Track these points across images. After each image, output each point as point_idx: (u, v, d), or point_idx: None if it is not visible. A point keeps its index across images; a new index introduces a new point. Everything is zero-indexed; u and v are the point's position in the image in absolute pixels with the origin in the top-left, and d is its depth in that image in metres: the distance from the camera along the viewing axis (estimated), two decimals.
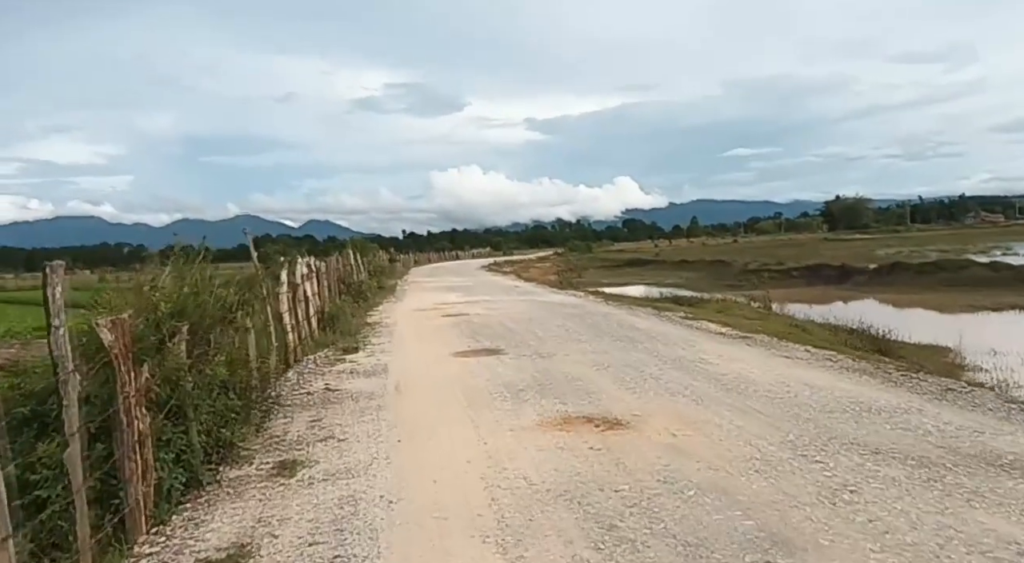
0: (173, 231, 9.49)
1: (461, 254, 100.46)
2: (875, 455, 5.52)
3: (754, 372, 9.26)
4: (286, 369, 11.18)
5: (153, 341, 6.05)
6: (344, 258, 27.05)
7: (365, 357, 12.25)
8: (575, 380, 9.09)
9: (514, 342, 12.87)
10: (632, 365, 10.00)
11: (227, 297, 7.26)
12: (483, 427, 7.05)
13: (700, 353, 10.95)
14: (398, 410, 8.10)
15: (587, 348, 11.82)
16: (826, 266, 40.79)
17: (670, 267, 57.67)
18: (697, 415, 7.04)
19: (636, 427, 6.69)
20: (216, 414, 6.74)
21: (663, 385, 8.56)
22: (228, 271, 10.84)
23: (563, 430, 6.74)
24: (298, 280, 14.36)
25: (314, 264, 17.45)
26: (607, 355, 10.98)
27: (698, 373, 9.28)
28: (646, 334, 13.39)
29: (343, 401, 8.73)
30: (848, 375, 9.11)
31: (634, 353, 11.12)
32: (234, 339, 7.76)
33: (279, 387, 9.65)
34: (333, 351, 13.05)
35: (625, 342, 12.38)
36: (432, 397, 8.69)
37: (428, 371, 10.54)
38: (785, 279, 39.62)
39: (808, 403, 7.39)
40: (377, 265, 38.71)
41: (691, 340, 12.49)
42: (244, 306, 7.82)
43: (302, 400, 8.92)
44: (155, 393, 5.72)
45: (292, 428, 7.56)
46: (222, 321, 7.17)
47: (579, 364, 10.28)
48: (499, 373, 9.91)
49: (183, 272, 6.92)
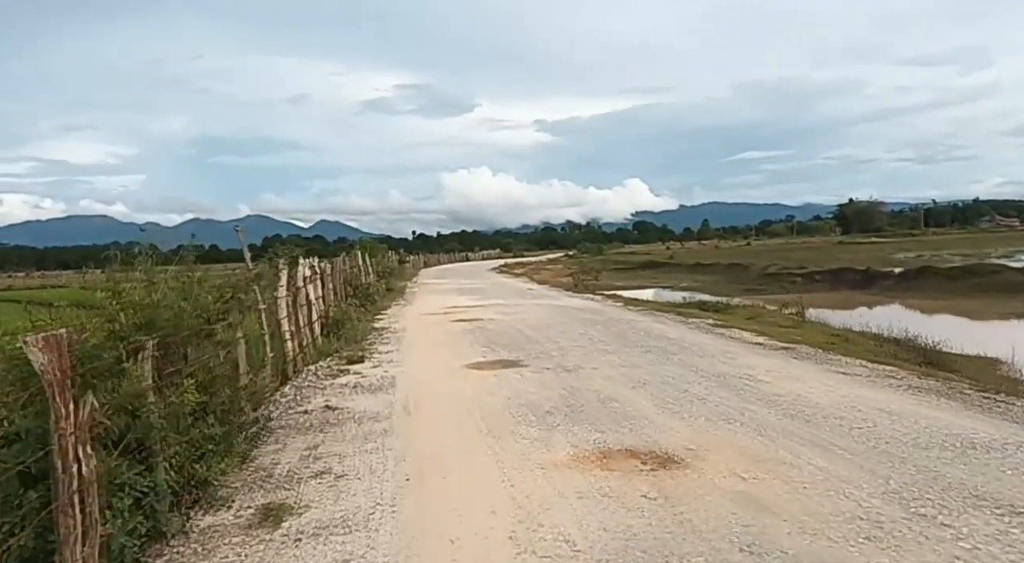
0: (191, 232, 8.44)
1: (471, 255, 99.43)
2: (1017, 516, 4.34)
3: (813, 392, 8.09)
4: (283, 383, 10.08)
5: (108, 361, 4.95)
6: (351, 259, 25.99)
7: (371, 368, 11.14)
8: (609, 401, 7.95)
9: (534, 352, 11.73)
10: (671, 382, 8.84)
11: (208, 304, 6.16)
12: (507, 462, 5.91)
13: (744, 368, 9.78)
14: (407, 436, 6.97)
15: (616, 361, 10.66)
16: (849, 270, 39.46)
17: (685, 270, 56.37)
18: (764, 451, 5.88)
19: (693, 466, 5.54)
20: (190, 445, 5.64)
21: (713, 408, 7.40)
22: (238, 273, 9.79)
23: (605, 468, 5.59)
24: (299, 283, 13.27)
25: (318, 265, 16.37)
26: (640, 370, 9.83)
27: (749, 393, 8.12)
28: (678, 344, 12.23)
29: (344, 423, 7.61)
30: (922, 397, 7.93)
31: (670, 367, 9.96)
32: (217, 353, 6.66)
33: (272, 406, 8.55)
34: (336, 361, 11.95)
35: (657, 354, 11.22)
36: (445, 420, 7.57)
37: (440, 386, 9.41)
38: (807, 283, 38.27)
39: (894, 436, 6.21)
40: (386, 267, 37.64)
41: (729, 352, 11.32)
42: (227, 315, 6.70)
43: (298, 422, 7.80)
44: (105, 427, 4.62)
45: (283, 458, 6.44)
46: (199, 333, 6.07)
47: (610, 380, 9.13)
48: (520, 390, 8.77)
49: (153, 275, 5.82)
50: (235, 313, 7.07)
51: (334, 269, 19.55)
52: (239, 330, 8.01)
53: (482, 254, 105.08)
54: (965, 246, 63.65)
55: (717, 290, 37.69)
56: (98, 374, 4.87)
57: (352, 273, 24.37)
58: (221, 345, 6.60)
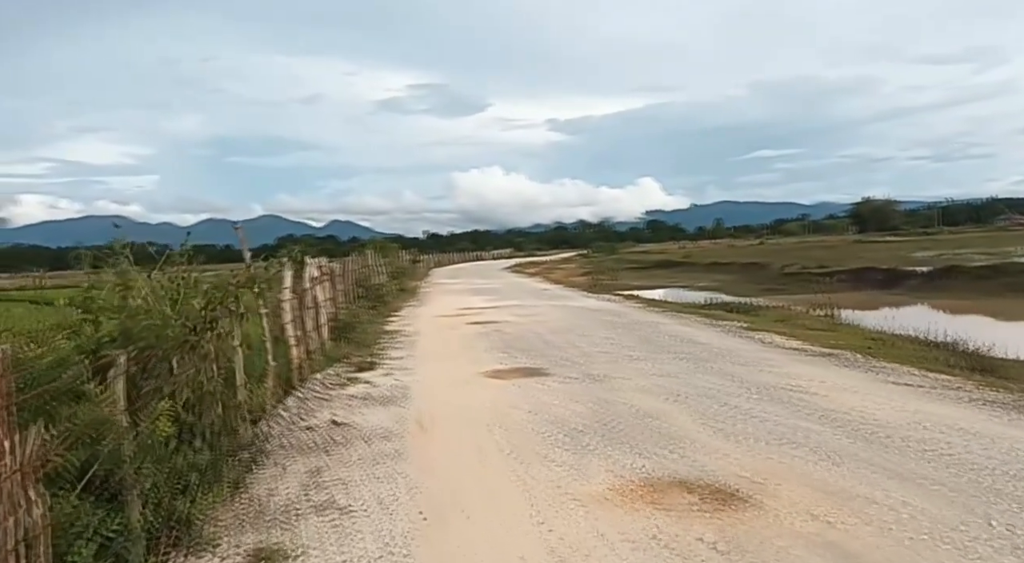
0: (205, 232, 7.70)
1: (483, 255, 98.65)
2: None
3: (873, 407, 7.24)
4: (286, 393, 9.31)
5: (68, 381, 4.19)
6: (362, 259, 25.27)
7: (382, 376, 10.36)
8: (647, 417, 7.12)
9: (556, 359, 10.91)
10: (712, 395, 8.01)
11: (194, 311, 5.38)
12: (538, 494, 5.11)
13: (789, 377, 8.94)
14: (421, 459, 6.18)
15: (647, 369, 9.83)
16: (873, 269, 38.39)
17: (701, 269, 55.33)
18: (839, 483, 5.04)
19: (760, 504, 4.71)
20: (172, 475, 4.87)
21: (767, 427, 6.56)
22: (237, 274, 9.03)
23: (654, 505, 4.78)
24: (306, 284, 12.52)
25: (327, 266, 15.62)
26: (675, 379, 9.00)
27: (803, 408, 7.28)
28: (710, 350, 11.39)
29: (352, 443, 6.82)
30: (991, 411, 7.08)
31: (707, 377, 9.12)
32: (206, 366, 5.88)
33: (274, 421, 7.78)
34: (345, 368, 11.17)
35: (690, 361, 10.38)
36: (464, 439, 6.77)
37: (457, 398, 8.62)
38: (829, 283, 37.17)
39: (979, 462, 5.37)
40: (398, 267, 36.92)
41: (768, 359, 10.46)
42: (217, 323, 5.91)
43: (300, 440, 7.02)
44: (58, 463, 3.85)
45: (281, 486, 5.66)
46: (184, 344, 5.29)
47: (644, 392, 8.30)
48: (545, 404, 7.97)
49: (128, 278, 5.05)
50: (228, 320, 6.29)
51: (344, 269, 18.83)
52: (235, 338, 7.26)
53: (494, 253, 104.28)
54: (984, 245, 62.23)
55: (736, 290, 36.71)
56: (56, 397, 4.11)
57: (363, 273, 23.65)
58: (210, 357, 5.82)
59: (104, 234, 10.43)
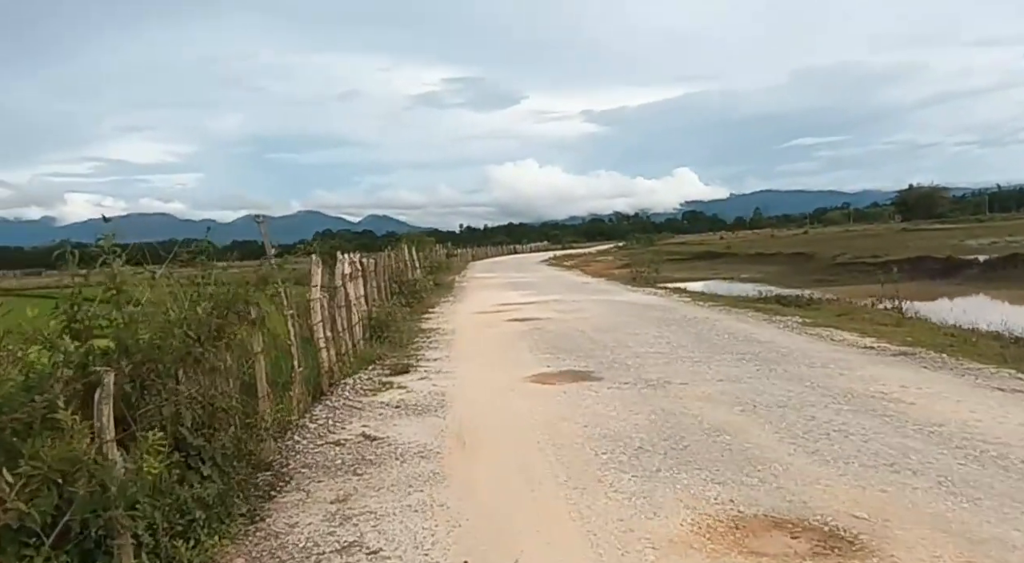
0: (246, 228, 7.05)
1: (519, 248, 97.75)
2: None
3: (983, 420, 6.26)
4: (316, 400, 8.61)
5: (38, 408, 3.46)
6: (397, 254, 24.61)
7: (418, 380, 9.60)
8: (718, 432, 6.23)
9: (606, 361, 10.05)
10: (789, 404, 7.08)
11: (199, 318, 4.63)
12: (602, 535, 4.26)
13: (871, 382, 7.97)
14: (462, 485, 5.38)
15: (707, 372, 8.92)
16: (929, 258, 36.71)
17: (744, 260, 53.84)
18: (972, 523, 4.11)
19: (879, 553, 3.80)
20: (173, 511, 4.14)
21: (865, 446, 5.63)
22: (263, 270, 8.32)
23: (749, 554, 3.90)
24: (338, 281, 11.82)
25: (360, 261, 14.93)
26: (742, 385, 8.08)
27: (898, 421, 6.32)
28: (774, 349, 10.42)
29: (384, 462, 6.05)
30: None
31: (778, 382, 8.19)
32: (218, 381, 5.15)
33: (300, 433, 7.05)
34: (379, 371, 10.45)
35: (754, 362, 9.44)
36: (510, 459, 5.95)
37: (499, 407, 7.82)
38: (882, 273, 35.61)
39: None
40: (434, 261, 36.28)
41: (841, 360, 9.47)
42: (225, 332, 5.15)
43: (327, 458, 6.27)
44: (19, 512, 3.13)
45: (303, 518, 4.90)
46: (186, 358, 4.55)
47: (710, 401, 7.40)
48: (599, 414, 7.12)
49: (117, 282, 4.31)
50: (242, 326, 5.54)
51: (378, 265, 18.14)
52: (257, 344, 6.54)
53: (530, 246, 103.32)
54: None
55: (783, 281, 35.38)
56: (19, 431, 3.39)
57: (398, 268, 22.98)
58: (220, 370, 5.08)
59: (149, 231, 9.98)
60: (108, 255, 4.22)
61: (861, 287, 29.75)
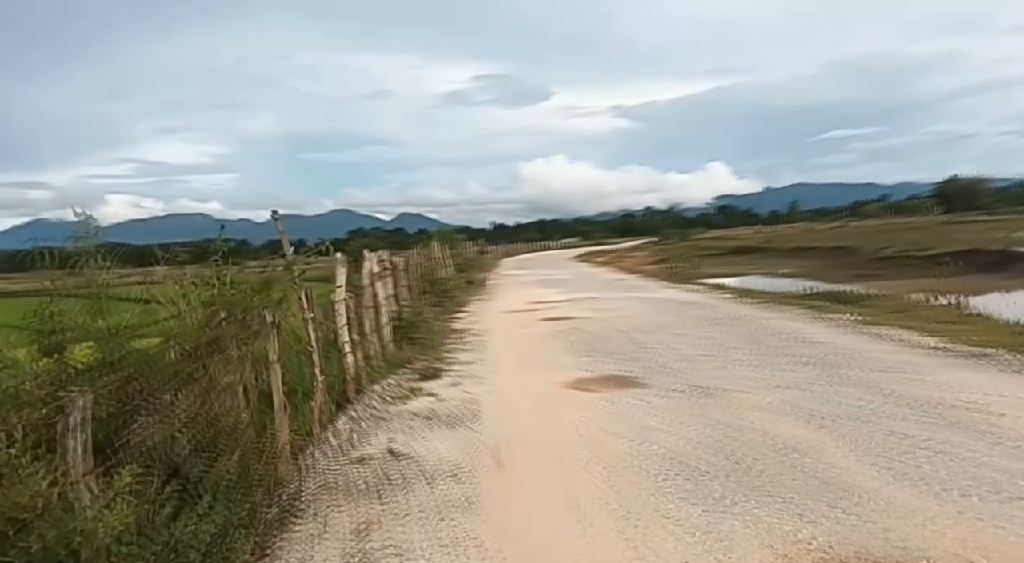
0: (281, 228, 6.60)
1: (550, 244, 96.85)
2: None
3: None
4: (340, 408, 8.04)
5: None
6: (427, 252, 24.07)
7: (448, 387, 8.98)
8: (789, 451, 5.50)
9: (651, 365, 9.32)
10: (865, 417, 6.31)
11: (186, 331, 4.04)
12: None
13: (951, 390, 7.16)
14: (500, 517, 4.71)
15: (766, 378, 8.16)
16: (979, 251, 35.19)
17: (783, 255, 52.37)
18: None
19: None
20: (165, 554, 3.55)
21: (958, 469, 4.86)
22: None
23: None
24: (365, 281, 11.26)
25: (389, 260, 14.37)
26: (807, 393, 7.32)
27: (993, 438, 5.53)
28: (834, 351, 9.60)
29: (411, 484, 5.42)
30: None
31: (847, 389, 7.41)
32: (218, 398, 4.55)
33: (320, 448, 6.46)
34: (408, 375, 9.85)
35: (815, 367, 8.65)
36: (553, 483, 5.28)
37: (538, 418, 7.16)
38: (929, 267, 34.18)
39: None
40: (465, 258, 35.72)
41: (910, 363, 8.64)
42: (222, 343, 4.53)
43: (348, 478, 5.66)
44: None
45: (318, 555, 4.29)
46: (174, 378, 3.95)
47: (774, 413, 6.66)
48: (650, 428, 6.42)
49: (98, 285, 3.72)
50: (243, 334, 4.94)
51: (407, 263, 17.58)
52: (272, 352, 5.95)
53: (561, 242, 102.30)
54: None
55: (826, 276, 34.12)
56: None
57: (428, 267, 22.43)
58: (219, 388, 4.48)
59: (186, 231, 9.61)
60: (85, 257, 3.62)
61: (908, 281, 28.56)
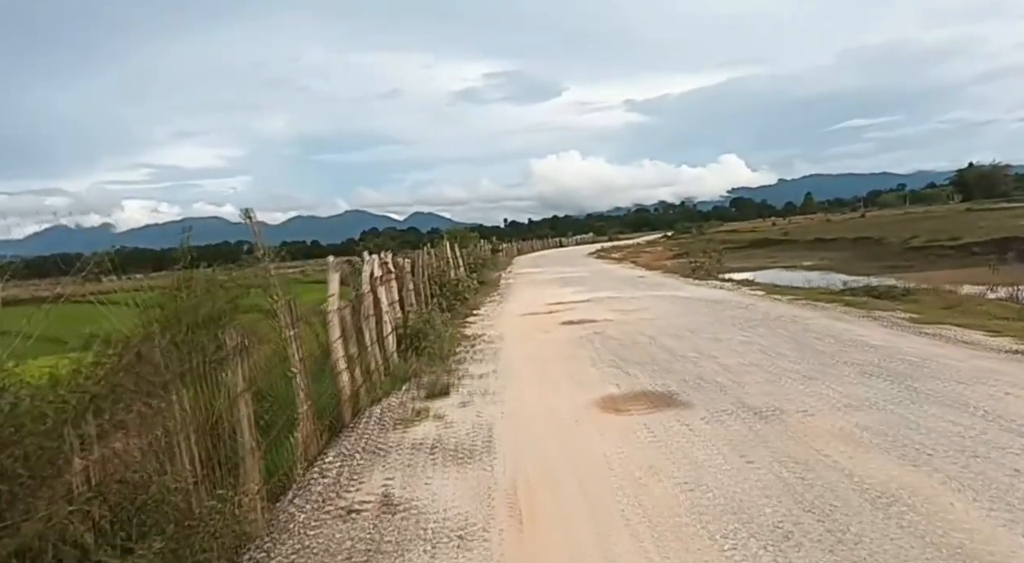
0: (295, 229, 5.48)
1: (564, 241, 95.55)
2: None
3: None
4: (333, 437, 6.91)
5: None
6: (438, 251, 22.89)
7: (458, 407, 7.82)
8: (888, 502, 4.29)
9: (689, 378, 8.12)
10: (974, 450, 5.07)
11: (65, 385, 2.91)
12: None
13: None
14: None
15: (828, 393, 6.94)
16: (1015, 240, 33.73)
17: (804, 247, 51.02)
18: None
19: None
20: None
21: None
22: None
23: None
24: (365, 287, 10.09)
25: (393, 261, 13.22)
26: (885, 414, 6.09)
27: None
28: (897, 357, 8.38)
29: (407, 551, 4.26)
30: None
31: (932, 409, 6.18)
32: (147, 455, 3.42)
33: (301, 495, 5.32)
34: (412, 393, 8.70)
35: (882, 377, 7.43)
36: (587, 549, 4.10)
37: (563, 451, 5.97)
38: (962, 257, 32.87)
39: None
40: (478, 257, 34.51)
41: (993, 372, 7.41)
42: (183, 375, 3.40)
43: (330, 541, 4.50)
44: None
45: None
46: (40, 457, 2.81)
47: (852, 442, 5.44)
48: (701, 465, 5.22)
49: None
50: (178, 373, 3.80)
51: (415, 265, 16.42)
52: (240, 378, 4.83)
53: (575, 239, 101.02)
54: None
55: (851, 268, 32.80)
56: None
57: (438, 267, 21.27)
58: (150, 438, 3.35)
59: (202, 235, 8.57)
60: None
61: (944, 273, 27.20)
